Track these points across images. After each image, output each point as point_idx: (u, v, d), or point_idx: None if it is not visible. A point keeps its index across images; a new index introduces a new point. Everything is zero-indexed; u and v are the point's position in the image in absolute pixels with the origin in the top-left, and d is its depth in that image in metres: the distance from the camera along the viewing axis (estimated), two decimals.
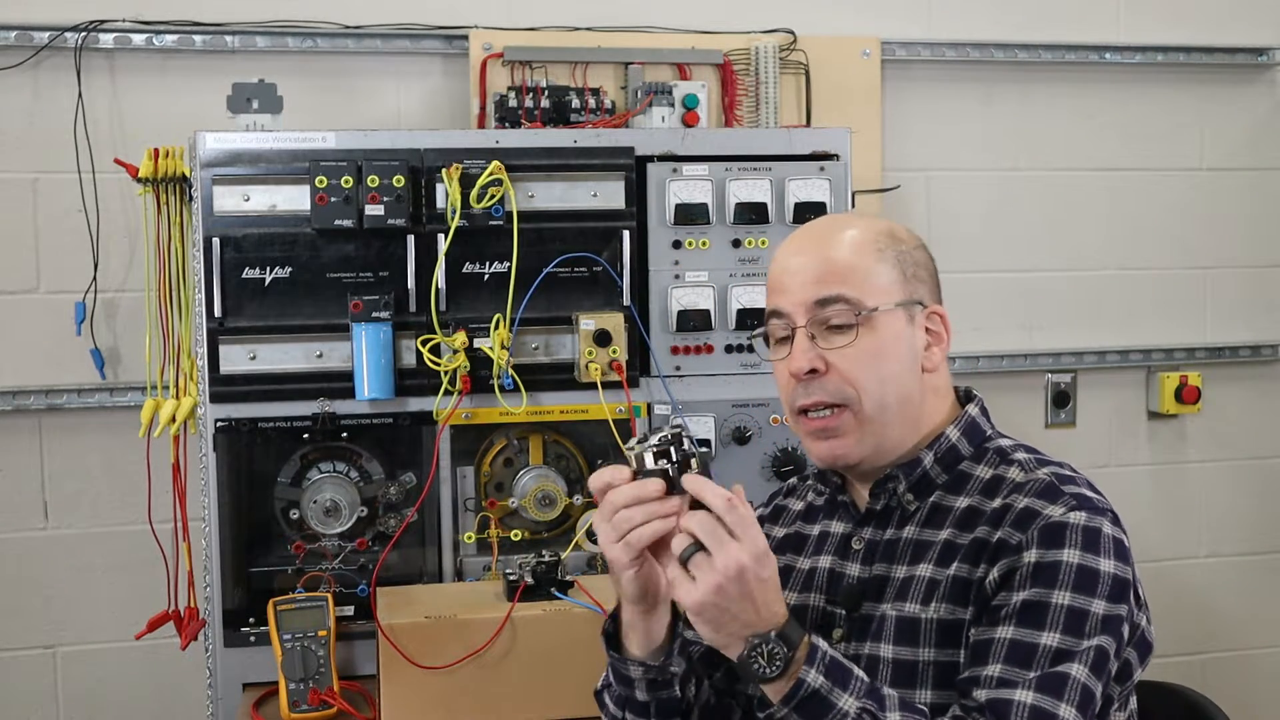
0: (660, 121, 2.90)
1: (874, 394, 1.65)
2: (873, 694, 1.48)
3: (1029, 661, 1.49)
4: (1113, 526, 1.57)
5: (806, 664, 1.47)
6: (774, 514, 1.87)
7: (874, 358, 1.65)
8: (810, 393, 1.66)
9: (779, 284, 1.71)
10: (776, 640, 1.46)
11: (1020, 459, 1.67)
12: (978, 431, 1.71)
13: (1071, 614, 1.51)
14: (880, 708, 1.47)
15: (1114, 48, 3.34)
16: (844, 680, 1.47)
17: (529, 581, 2.23)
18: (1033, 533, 1.55)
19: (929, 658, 1.59)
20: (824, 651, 1.48)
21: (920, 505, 1.68)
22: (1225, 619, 3.53)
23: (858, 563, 1.70)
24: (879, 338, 1.65)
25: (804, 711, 1.46)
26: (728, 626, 1.48)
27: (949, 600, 1.59)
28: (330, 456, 2.48)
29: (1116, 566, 1.54)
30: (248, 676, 2.40)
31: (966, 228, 3.31)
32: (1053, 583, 1.52)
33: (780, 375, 1.71)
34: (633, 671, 1.62)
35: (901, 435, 1.68)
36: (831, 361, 1.65)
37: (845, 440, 1.66)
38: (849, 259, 1.68)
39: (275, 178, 2.38)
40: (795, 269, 1.69)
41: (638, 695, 1.64)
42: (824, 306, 1.66)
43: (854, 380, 1.64)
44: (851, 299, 1.65)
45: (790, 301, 1.68)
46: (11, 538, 2.91)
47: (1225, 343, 3.47)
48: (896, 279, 1.69)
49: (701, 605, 1.46)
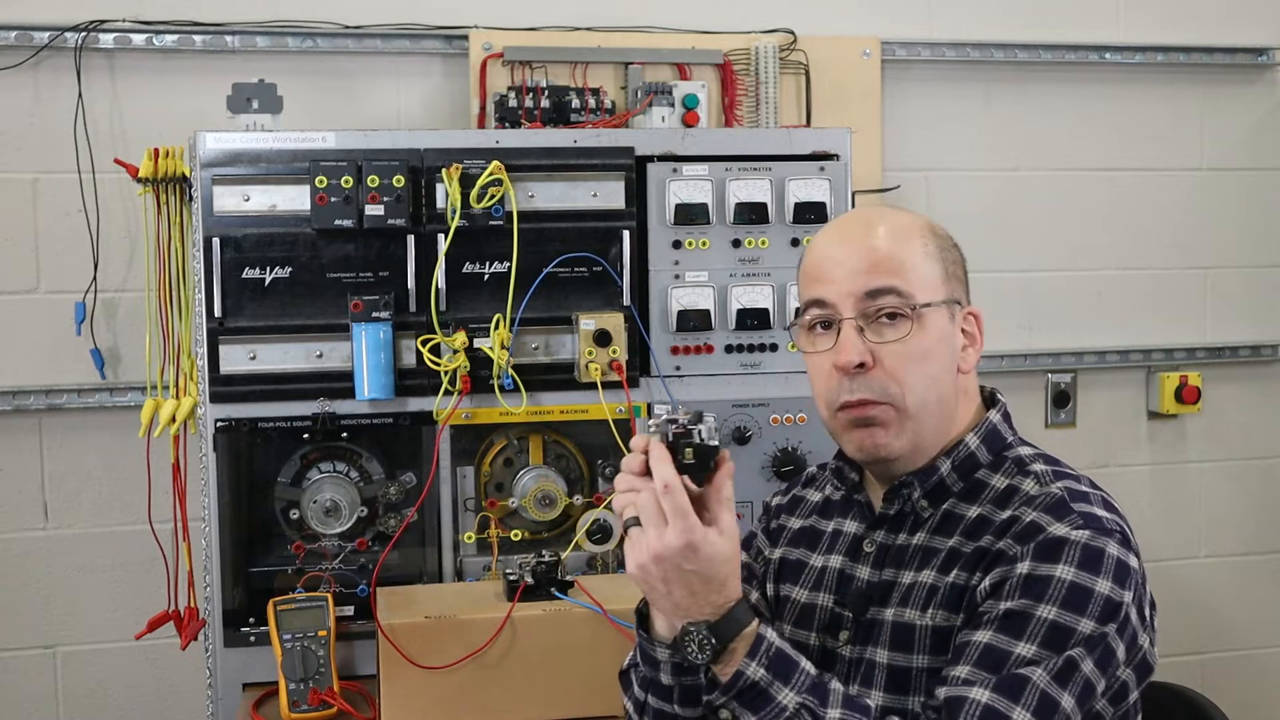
0: (660, 121, 2.90)
1: (918, 393, 1.62)
2: (815, 689, 1.47)
3: (998, 667, 1.47)
4: (1120, 548, 1.53)
5: (748, 656, 1.47)
6: (791, 504, 1.86)
7: (922, 356, 1.62)
8: (855, 389, 1.62)
9: (821, 273, 1.66)
10: (706, 631, 1.47)
11: (1037, 470, 1.63)
12: (998, 439, 1.69)
13: (1054, 629, 1.48)
14: (821, 703, 1.46)
15: (1114, 48, 3.34)
16: (786, 674, 1.47)
17: (529, 581, 2.23)
18: (1030, 545, 1.53)
19: (922, 664, 1.58)
20: (769, 643, 1.48)
21: (933, 512, 1.66)
22: (1225, 619, 3.53)
23: (868, 566, 1.69)
24: (927, 336, 1.62)
25: (743, 701, 1.47)
26: (658, 602, 1.51)
27: (944, 607, 1.58)
28: (330, 456, 2.48)
29: (1113, 589, 1.50)
30: (248, 676, 2.40)
31: (966, 228, 3.23)
32: (1041, 596, 1.49)
33: (819, 367, 1.66)
34: (659, 654, 1.59)
35: (936, 437, 1.66)
36: (880, 356, 1.61)
37: (886, 431, 1.63)
38: (898, 251, 1.64)
39: (275, 178, 2.38)
40: (840, 258, 1.64)
41: (662, 678, 1.62)
42: (875, 298, 1.61)
43: (900, 378, 1.61)
44: (904, 291, 1.62)
45: (836, 291, 1.63)
46: (11, 538, 2.91)
47: (1225, 343, 3.47)
48: (940, 275, 1.66)
49: (632, 576, 1.50)
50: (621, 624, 2.16)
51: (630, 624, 2.13)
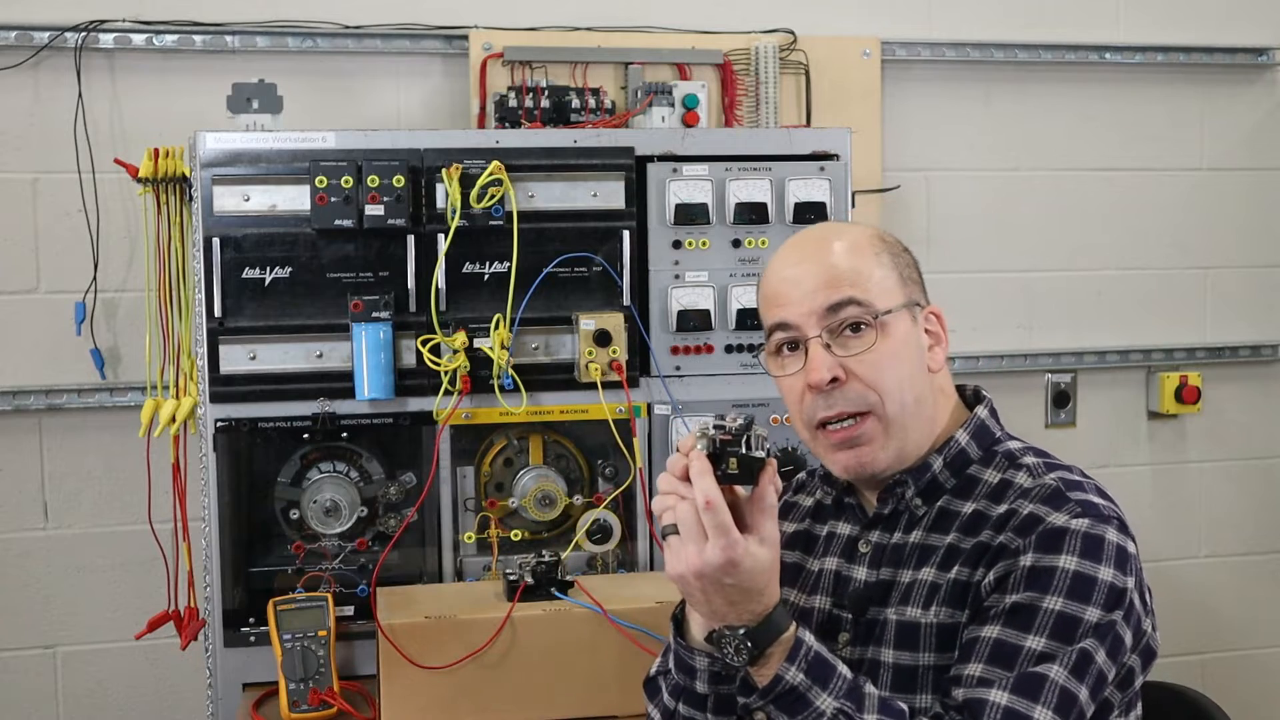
0: (660, 121, 2.90)
1: (895, 397, 1.63)
2: (852, 694, 1.47)
3: (1011, 663, 1.49)
4: (1118, 534, 1.55)
5: (787, 660, 1.47)
6: (784, 510, 1.86)
7: (891, 361, 1.63)
8: (832, 404, 1.63)
9: (780, 296, 1.68)
10: (743, 638, 1.48)
11: (1029, 463, 1.65)
12: (987, 434, 1.70)
13: (1062, 620, 1.50)
14: (859, 708, 1.47)
15: (1114, 48, 3.34)
16: (824, 679, 1.47)
17: (529, 581, 2.22)
18: (1032, 538, 1.54)
19: (929, 662, 1.59)
20: (808, 647, 1.48)
21: (928, 510, 1.67)
22: (1225, 619, 3.53)
23: (864, 566, 1.69)
24: (893, 341, 1.64)
25: (781, 705, 1.47)
26: (698, 608, 1.52)
27: (948, 604, 1.59)
28: (330, 456, 2.48)
29: (1115, 575, 1.52)
30: (248, 676, 2.40)
31: (966, 228, 3.31)
32: (1046, 588, 1.51)
33: (791, 390, 1.67)
34: (698, 662, 1.59)
35: (919, 438, 1.67)
36: (850, 368, 1.63)
37: (871, 448, 1.64)
38: (851, 263, 1.66)
39: (275, 178, 2.37)
40: (796, 278, 1.67)
41: (698, 687, 1.61)
42: (836, 311, 1.63)
43: (876, 385, 1.63)
44: (864, 301, 1.64)
45: (797, 312, 1.65)
46: (11, 538, 2.91)
47: (1225, 343, 3.47)
48: (895, 281, 1.68)
49: (672, 581, 1.50)
50: (622, 624, 2.16)
51: (630, 624, 2.15)
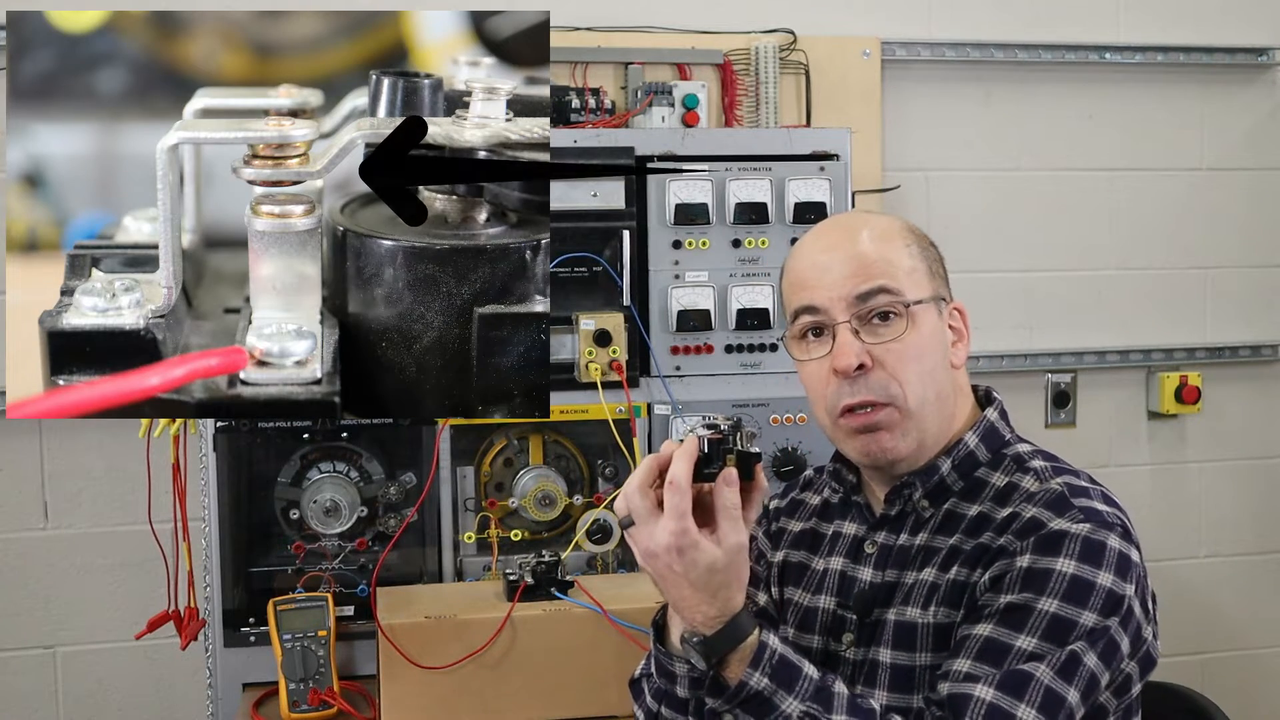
0: (660, 121, 2.90)
1: (917, 390, 1.62)
2: (819, 695, 1.46)
3: (999, 661, 1.47)
4: (1121, 541, 1.54)
5: (751, 665, 1.46)
6: (790, 508, 1.85)
7: (918, 353, 1.62)
8: (856, 391, 1.62)
9: (808, 280, 1.66)
10: (698, 644, 1.47)
11: (1036, 467, 1.64)
12: (996, 437, 1.69)
13: (1055, 622, 1.48)
14: (826, 709, 1.45)
15: (1114, 48, 3.33)
16: (789, 682, 1.46)
17: (529, 581, 2.23)
18: (1030, 540, 1.53)
19: (925, 662, 1.58)
20: (773, 650, 1.47)
21: (935, 512, 1.66)
22: (1225, 619, 3.52)
23: (870, 567, 1.69)
24: (920, 333, 1.63)
25: (747, 710, 1.46)
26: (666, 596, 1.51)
27: (946, 604, 1.58)
28: (330, 457, 2.48)
29: (1115, 582, 1.51)
30: (248, 676, 2.40)
31: (966, 228, 3.30)
32: (1042, 590, 1.50)
33: (815, 374, 1.66)
34: (677, 667, 1.57)
35: (938, 433, 1.66)
36: (877, 356, 1.61)
37: (890, 434, 1.63)
38: (882, 252, 1.64)
39: None
40: (826, 264, 1.65)
41: (678, 691, 1.59)
42: (867, 299, 1.62)
43: (900, 376, 1.61)
44: (895, 290, 1.62)
45: (826, 297, 1.63)
46: (11, 538, 2.91)
47: (1225, 343, 3.47)
48: (925, 273, 1.66)
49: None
50: (622, 624, 2.16)
51: (630, 624, 2.15)
